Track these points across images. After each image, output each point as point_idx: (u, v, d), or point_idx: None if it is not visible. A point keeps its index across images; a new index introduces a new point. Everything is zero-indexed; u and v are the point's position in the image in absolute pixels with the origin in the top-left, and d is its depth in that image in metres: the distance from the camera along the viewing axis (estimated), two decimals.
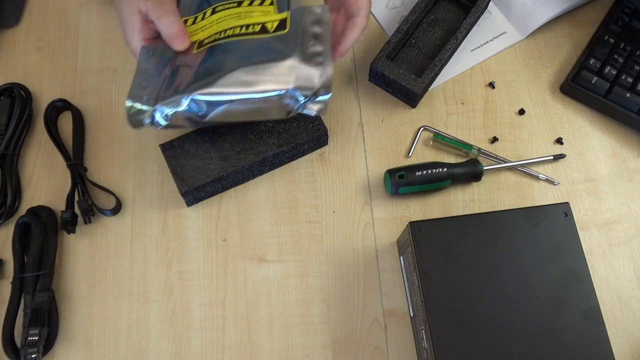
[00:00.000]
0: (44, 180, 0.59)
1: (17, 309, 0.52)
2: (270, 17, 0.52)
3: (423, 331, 0.49)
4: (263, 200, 0.58)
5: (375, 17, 0.67)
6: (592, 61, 0.62)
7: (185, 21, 0.54)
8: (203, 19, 0.54)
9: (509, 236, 0.49)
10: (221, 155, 0.56)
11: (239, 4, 0.53)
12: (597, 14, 0.67)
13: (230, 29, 0.51)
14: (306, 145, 0.59)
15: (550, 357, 0.45)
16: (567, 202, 0.51)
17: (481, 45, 0.66)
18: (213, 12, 0.54)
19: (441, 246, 0.49)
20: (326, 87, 0.48)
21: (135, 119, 0.50)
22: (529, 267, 0.48)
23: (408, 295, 0.54)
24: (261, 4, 0.53)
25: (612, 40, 0.63)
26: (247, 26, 0.51)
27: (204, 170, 0.55)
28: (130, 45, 0.54)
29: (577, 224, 0.50)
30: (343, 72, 0.64)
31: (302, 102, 0.48)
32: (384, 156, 0.61)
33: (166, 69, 0.52)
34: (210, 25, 0.53)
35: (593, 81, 0.61)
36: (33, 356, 0.50)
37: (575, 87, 0.62)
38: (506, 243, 0.49)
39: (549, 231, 0.49)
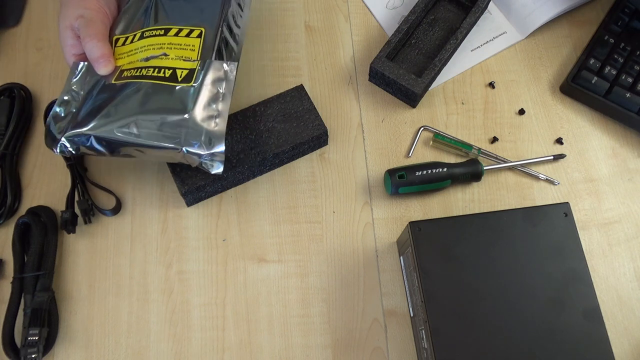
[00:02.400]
0: (44, 180, 0.59)
1: (17, 309, 0.52)
2: (184, 63, 0.52)
3: (423, 331, 0.49)
4: (263, 200, 0.58)
5: (375, 17, 0.67)
6: (592, 61, 0.62)
7: (117, 40, 0.55)
8: (132, 41, 0.54)
9: (509, 236, 0.49)
10: None
11: (166, 33, 0.53)
12: (597, 14, 0.67)
13: (145, 68, 0.52)
14: (306, 145, 0.59)
15: (550, 357, 0.45)
16: (567, 202, 0.51)
17: (481, 45, 0.66)
18: (141, 37, 0.54)
19: (441, 246, 0.49)
20: (216, 152, 0.49)
21: (48, 142, 0.52)
22: (529, 267, 0.48)
23: (408, 295, 0.54)
24: (188, 35, 0.53)
25: (612, 40, 0.63)
26: (160, 69, 0.52)
27: (204, 171, 0.55)
28: (65, 58, 0.55)
29: (577, 224, 0.50)
30: (343, 72, 0.64)
31: (199, 158, 0.50)
32: (384, 156, 0.61)
33: (87, 91, 0.53)
34: (135, 52, 0.53)
35: (593, 81, 0.61)
36: (33, 356, 0.50)
37: (575, 87, 0.62)
38: (506, 243, 0.49)
39: (549, 231, 0.49)
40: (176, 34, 0.53)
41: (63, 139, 0.50)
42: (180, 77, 0.51)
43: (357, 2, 0.68)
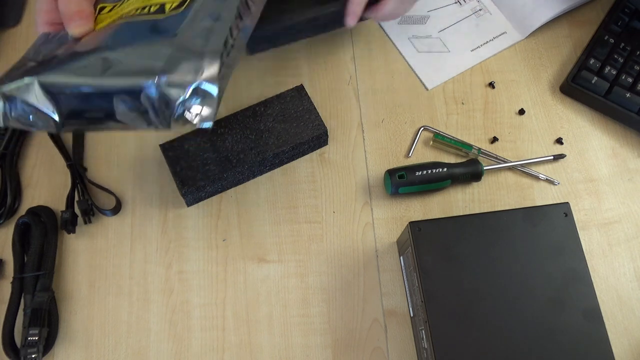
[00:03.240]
0: (44, 180, 0.59)
1: (17, 309, 0.52)
2: None
3: (423, 331, 0.49)
4: (263, 200, 0.58)
5: None
6: (592, 61, 0.62)
7: (103, 8, 0.45)
8: (122, 4, 0.44)
9: (509, 236, 0.49)
10: (221, 156, 0.56)
11: None
12: (597, 14, 0.67)
13: (128, 12, 0.42)
14: (306, 145, 0.59)
15: (550, 357, 0.45)
16: (567, 202, 0.51)
17: (481, 45, 0.66)
18: None
19: (441, 246, 0.49)
20: (205, 89, 0.36)
21: None
22: (529, 267, 0.48)
23: (408, 295, 0.54)
24: None
25: (612, 40, 0.63)
26: (144, 7, 0.41)
27: (204, 171, 0.55)
28: (36, 27, 0.46)
29: (577, 224, 0.50)
30: (343, 72, 0.64)
31: (184, 102, 0.36)
32: (384, 156, 0.61)
33: (42, 58, 0.42)
34: (122, 9, 0.43)
35: (593, 81, 0.61)
36: (33, 356, 0.50)
37: (575, 87, 0.62)
38: (506, 243, 0.49)
39: (549, 231, 0.49)
40: None
41: None
42: (169, 8, 0.41)
43: None
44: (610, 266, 0.56)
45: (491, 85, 0.64)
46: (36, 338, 0.50)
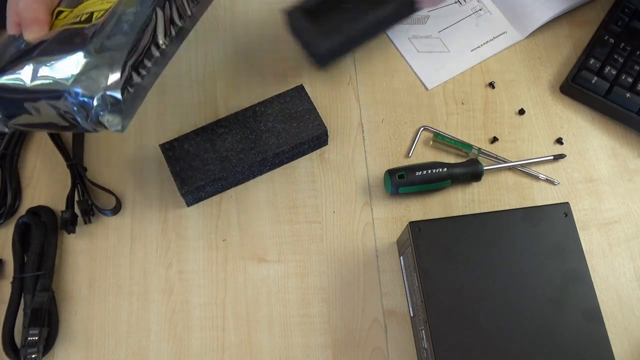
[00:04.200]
0: (44, 180, 0.59)
1: (17, 309, 0.52)
2: (106, 4, 0.45)
3: (423, 331, 0.49)
4: (263, 200, 0.58)
5: None
6: (592, 61, 0.62)
7: (60, 12, 0.47)
8: (72, 11, 0.47)
9: (509, 236, 0.49)
10: (221, 156, 0.56)
11: None
12: (597, 14, 0.67)
13: (64, 21, 0.45)
14: (306, 145, 0.59)
15: (550, 357, 0.45)
16: (567, 202, 0.51)
17: (481, 45, 0.66)
18: (81, 2, 0.47)
19: (441, 246, 0.49)
20: (111, 96, 0.41)
21: None
22: (529, 267, 0.48)
23: (408, 295, 0.54)
24: None
25: (612, 40, 0.63)
26: (78, 16, 0.44)
27: (204, 171, 0.55)
28: (7, 27, 0.48)
29: (577, 224, 0.50)
30: (343, 72, 0.64)
31: (96, 108, 0.41)
32: (384, 156, 0.61)
33: (5, 62, 0.45)
34: (69, 17, 0.46)
35: (593, 81, 0.61)
36: (33, 356, 0.50)
37: (575, 87, 0.62)
38: (506, 243, 0.49)
39: (549, 231, 0.49)
40: None
41: None
42: (96, 18, 0.44)
43: None
44: (610, 266, 0.56)
45: (491, 85, 0.64)
46: (36, 338, 0.50)
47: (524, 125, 0.62)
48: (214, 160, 0.56)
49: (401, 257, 0.56)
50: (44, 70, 0.42)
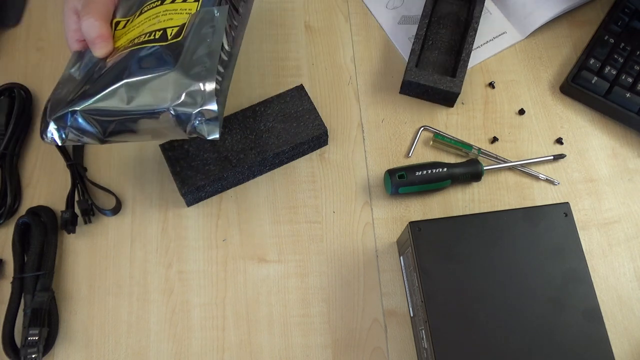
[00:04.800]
0: (44, 180, 0.59)
1: (17, 309, 0.52)
2: (176, 21, 0.48)
3: (423, 331, 0.49)
4: (263, 200, 0.58)
5: (375, 17, 0.67)
6: (592, 61, 0.62)
7: (118, 23, 0.51)
8: (132, 21, 0.50)
9: (509, 236, 0.49)
10: (221, 155, 0.56)
11: (162, 2, 0.50)
12: (597, 14, 0.67)
13: (138, 37, 0.48)
14: (306, 145, 0.59)
15: (550, 357, 0.45)
16: (567, 202, 0.51)
17: (481, 45, 0.66)
18: (140, 14, 0.50)
19: (441, 246, 0.49)
20: (209, 109, 0.44)
21: (40, 131, 0.47)
22: (529, 267, 0.48)
23: (408, 295, 0.54)
24: (184, 0, 0.49)
25: (612, 40, 0.63)
26: (151, 33, 0.47)
27: (204, 170, 0.55)
28: (68, 45, 0.51)
29: (577, 224, 0.50)
30: (343, 72, 0.64)
31: (191, 121, 0.44)
32: (384, 156, 0.61)
33: (82, 76, 0.49)
34: (133, 28, 0.50)
35: (593, 81, 0.61)
36: (33, 356, 0.50)
37: (575, 87, 0.62)
38: (506, 243, 0.49)
39: (549, 231, 0.49)
40: (172, 1, 0.49)
41: (52, 122, 0.46)
42: (171, 35, 0.47)
43: (357, 2, 0.68)
44: (610, 266, 0.56)
45: (491, 85, 0.64)
46: (36, 338, 0.50)
47: (524, 125, 0.62)
48: (214, 160, 0.56)
49: (401, 257, 0.56)
50: (138, 93, 0.45)
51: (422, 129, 0.62)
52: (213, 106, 0.44)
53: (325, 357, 0.53)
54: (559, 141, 0.61)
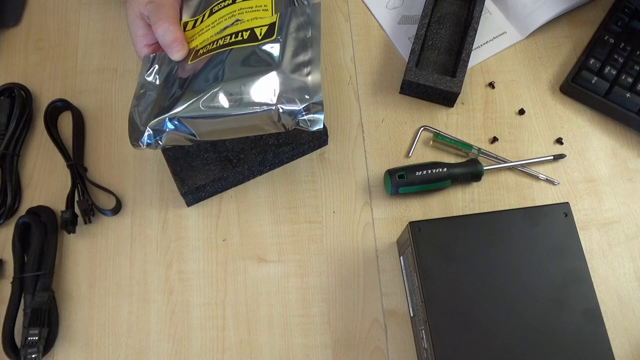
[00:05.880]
0: (44, 180, 0.59)
1: (17, 309, 0.52)
2: (261, 20, 0.49)
3: (423, 331, 0.49)
4: (263, 200, 0.58)
5: (375, 17, 0.67)
6: (592, 61, 0.62)
7: (186, 24, 0.53)
8: (202, 21, 0.52)
9: (509, 236, 0.49)
10: (221, 156, 0.56)
11: (234, 0, 0.51)
12: (597, 14, 0.67)
13: (222, 38, 0.49)
14: (306, 145, 0.59)
15: (550, 357, 0.45)
16: (567, 202, 0.51)
17: (481, 45, 0.66)
18: (211, 13, 0.52)
19: (441, 246, 0.49)
20: (315, 103, 0.45)
21: (132, 139, 0.48)
22: (529, 267, 0.48)
23: (408, 295, 0.54)
24: None
25: (612, 40, 0.63)
26: (237, 34, 0.49)
27: (204, 170, 0.55)
28: (135, 51, 0.53)
29: (577, 224, 0.50)
30: (343, 72, 0.64)
31: (295, 116, 0.46)
32: (384, 156, 0.61)
33: (163, 79, 0.50)
34: (207, 29, 0.51)
35: (593, 81, 0.61)
36: (33, 356, 0.50)
37: (575, 87, 0.62)
38: (506, 243, 0.49)
39: (549, 231, 0.49)
40: None
41: (148, 129, 0.47)
42: (261, 34, 0.48)
43: (357, 2, 0.68)
44: (610, 266, 0.56)
45: (491, 85, 0.64)
46: (36, 338, 0.50)
47: (524, 125, 0.62)
48: (214, 160, 0.56)
49: (401, 257, 0.56)
50: (242, 93, 0.45)
51: (422, 129, 0.62)
52: (319, 99, 0.45)
53: (325, 357, 0.53)
54: (559, 141, 0.61)
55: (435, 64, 0.64)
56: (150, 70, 0.52)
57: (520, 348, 0.46)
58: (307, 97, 0.45)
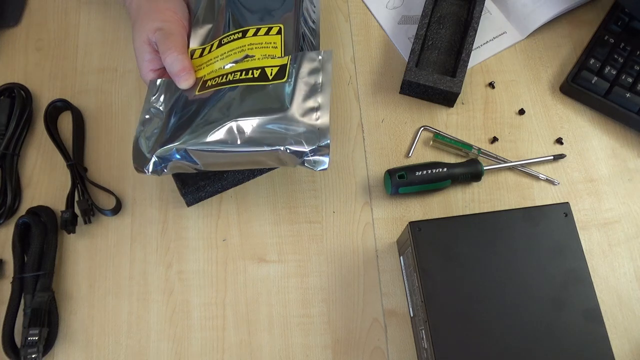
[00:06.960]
0: (44, 180, 0.59)
1: (17, 309, 0.52)
2: (272, 60, 0.50)
3: (423, 331, 0.49)
4: (263, 200, 0.58)
5: (375, 17, 0.67)
6: (592, 61, 0.62)
7: (194, 52, 0.53)
8: (210, 51, 0.52)
9: (509, 236, 0.49)
10: None
11: (244, 35, 0.52)
12: (597, 14, 0.67)
13: (231, 73, 0.50)
14: None
15: (550, 357, 0.45)
16: (567, 202, 0.51)
17: (481, 45, 0.66)
18: (220, 44, 0.52)
19: (441, 246, 0.49)
20: (322, 146, 0.46)
21: (137, 164, 0.49)
22: (529, 267, 0.48)
23: (408, 295, 0.54)
24: (267, 33, 0.51)
25: (612, 40, 0.63)
26: (247, 71, 0.49)
27: (204, 171, 0.55)
28: (141, 75, 0.54)
29: (577, 224, 0.50)
30: (343, 72, 0.64)
31: (301, 157, 0.46)
32: (384, 156, 0.61)
33: (169, 107, 0.51)
34: (216, 60, 0.52)
35: (593, 81, 0.61)
36: (33, 356, 0.50)
37: (575, 87, 0.62)
38: (506, 243, 0.49)
39: (549, 231, 0.49)
40: (255, 34, 0.51)
41: (154, 157, 0.48)
42: (271, 75, 0.49)
43: (357, 2, 0.68)
44: (610, 266, 0.56)
45: (491, 85, 0.64)
46: (36, 338, 0.50)
47: (524, 125, 0.62)
48: None
49: (401, 257, 0.56)
50: (252, 132, 0.46)
51: (422, 129, 0.62)
52: (326, 142, 0.46)
53: (325, 357, 0.53)
54: (559, 141, 0.61)
55: (435, 64, 0.64)
56: (156, 95, 0.52)
57: (520, 348, 0.46)
58: (315, 140, 0.46)
